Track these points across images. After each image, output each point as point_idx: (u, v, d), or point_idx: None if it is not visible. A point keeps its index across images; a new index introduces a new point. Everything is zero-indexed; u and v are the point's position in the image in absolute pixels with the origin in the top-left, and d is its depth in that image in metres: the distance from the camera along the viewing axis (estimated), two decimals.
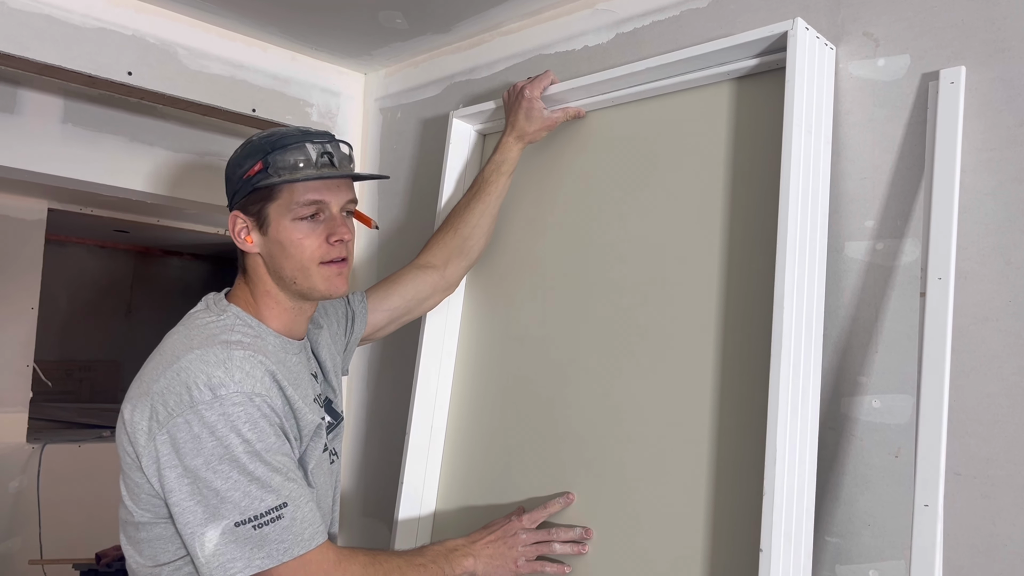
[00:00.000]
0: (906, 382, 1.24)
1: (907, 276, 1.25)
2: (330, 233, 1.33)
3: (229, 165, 1.37)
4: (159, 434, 1.21)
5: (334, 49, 2.19)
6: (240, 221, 1.35)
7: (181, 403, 1.20)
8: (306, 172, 1.31)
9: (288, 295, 1.37)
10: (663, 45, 1.60)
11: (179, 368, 1.22)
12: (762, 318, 1.32)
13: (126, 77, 1.88)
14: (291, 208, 1.31)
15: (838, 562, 1.28)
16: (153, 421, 1.22)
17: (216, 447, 1.18)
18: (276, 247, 1.33)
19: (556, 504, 1.52)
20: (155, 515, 1.27)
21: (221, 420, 1.19)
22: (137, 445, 1.24)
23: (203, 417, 1.19)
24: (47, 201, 4.17)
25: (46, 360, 4.81)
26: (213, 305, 1.37)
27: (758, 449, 1.27)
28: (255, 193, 1.32)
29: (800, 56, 1.28)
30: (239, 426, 1.20)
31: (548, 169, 1.74)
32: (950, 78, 1.21)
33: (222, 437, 1.19)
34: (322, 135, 1.35)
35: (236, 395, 1.20)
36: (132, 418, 1.25)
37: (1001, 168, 1.18)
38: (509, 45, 1.95)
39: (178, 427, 1.20)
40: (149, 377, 1.26)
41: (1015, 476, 1.13)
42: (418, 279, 1.68)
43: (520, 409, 1.69)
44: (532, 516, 1.50)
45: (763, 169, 1.38)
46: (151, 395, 1.23)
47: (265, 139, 1.34)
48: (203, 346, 1.25)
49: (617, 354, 1.53)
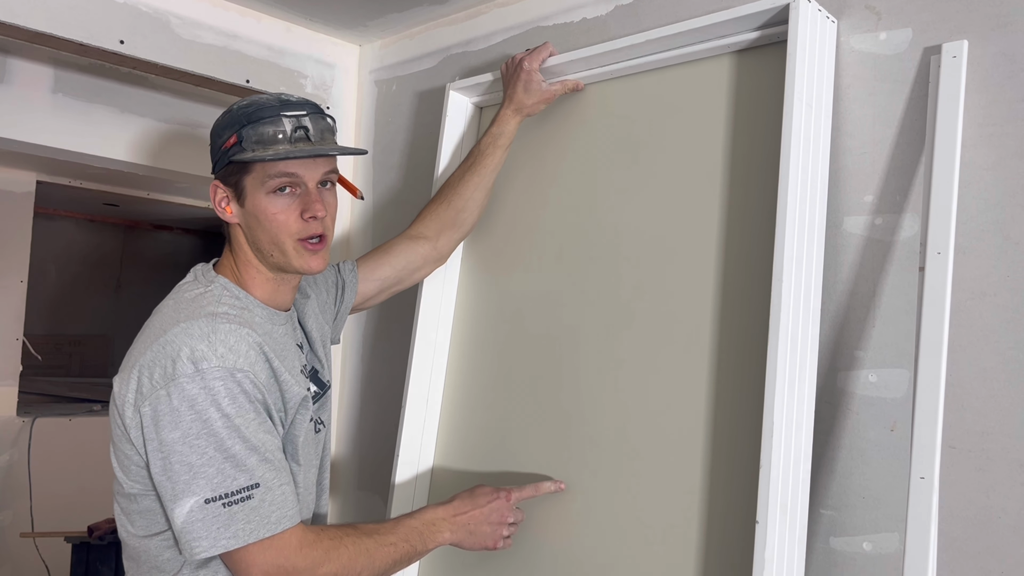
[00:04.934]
0: (903, 356, 1.25)
1: (906, 251, 1.26)
2: (304, 209, 1.31)
3: (212, 133, 1.36)
4: (143, 406, 1.21)
5: (329, 20, 2.16)
6: (220, 191, 1.34)
7: (164, 376, 1.20)
8: (277, 148, 1.28)
9: (267, 267, 1.36)
10: (663, 17, 1.59)
11: (165, 341, 1.22)
12: (761, 292, 1.32)
13: (118, 46, 1.85)
14: (264, 182, 1.30)
15: (832, 534, 1.29)
16: (138, 393, 1.22)
17: (194, 421, 1.18)
18: (252, 219, 1.32)
19: (547, 486, 1.52)
20: (144, 487, 1.27)
21: (202, 394, 1.19)
22: (124, 417, 1.24)
23: (184, 390, 1.19)
24: (36, 173, 4.14)
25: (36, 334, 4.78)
26: (201, 276, 1.37)
27: (755, 422, 1.28)
28: (232, 165, 1.31)
29: (801, 29, 1.27)
30: (220, 401, 1.19)
31: (546, 142, 1.73)
32: (952, 52, 1.21)
33: (201, 411, 1.19)
34: (301, 105, 1.32)
35: (218, 370, 1.20)
36: (120, 390, 1.25)
37: (1002, 143, 1.18)
38: (506, 17, 1.93)
39: (159, 399, 1.19)
40: (137, 350, 1.26)
41: (1010, 449, 1.14)
42: (410, 250, 1.67)
43: (516, 379, 1.69)
44: (521, 495, 1.50)
45: (763, 143, 1.38)
46: (138, 367, 1.23)
47: (243, 109, 1.32)
48: (189, 319, 1.24)
49: (614, 327, 1.53)
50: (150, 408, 1.20)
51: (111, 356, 5.86)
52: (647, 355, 1.48)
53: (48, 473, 4.00)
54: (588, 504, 1.51)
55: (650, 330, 1.48)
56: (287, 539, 1.23)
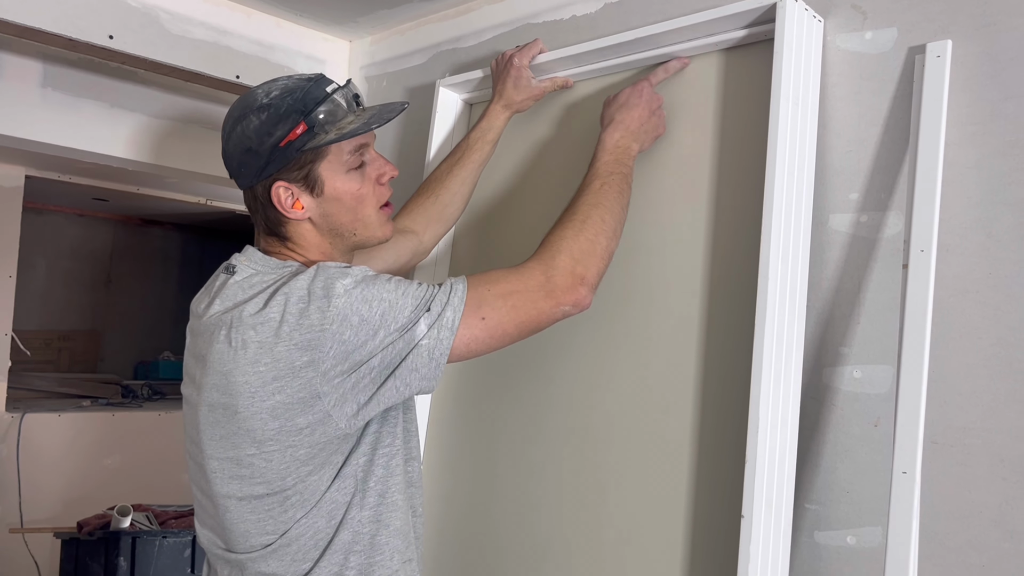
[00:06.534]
0: (886, 353, 1.26)
1: (890, 248, 1.27)
2: (380, 174, 1.32)
3: (247, 138, 1.25)
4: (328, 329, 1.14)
5: (319, 16, 2.16)
6: (284, 190, 1.26)
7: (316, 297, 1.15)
8: (351, 122, 1.26)
9: (341, 251, 1.34)
10: (651, 15, 1.60)
11: (288, 289, 1.17)
12: (747, 288, 1.33)
13: (107, 41, 1.85)
14: (343, 161, 1.27)
15: (817, 528, 1.30)
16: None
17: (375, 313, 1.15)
18: (334, 205, 1.28)
19: (674, 64, 1.50)
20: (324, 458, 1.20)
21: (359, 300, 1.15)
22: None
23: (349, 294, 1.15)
24: (25, 168, 4.13)
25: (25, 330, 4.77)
26: (266, 268, 1.27)
27: (741, 417, 1.29)
28: (299, 157, 1.24)
29: (788, 28, 1.28)
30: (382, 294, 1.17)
31: (534, 138, 1.74)
32: (936, 52, 1.22)
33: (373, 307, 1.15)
34: (324, 79, 1.29)
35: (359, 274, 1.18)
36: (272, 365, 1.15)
37: (985, 142, 1.19)
38: (497, 13, 1.94)
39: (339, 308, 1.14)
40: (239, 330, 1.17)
41: (991, 445, 1.15)
42: (399, 243, 1.66)
43: (503, 374, 1.70)
44: (655, 79, 1.48)
45: (750, 140, 1.39)
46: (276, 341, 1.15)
47: (286, 99, 1.24)
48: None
49: (601, 323, 1.54)
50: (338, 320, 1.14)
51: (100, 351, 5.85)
52: (633, 350, 1.49)
53: (37, 469, 4.00)
54: (575, 498, 1.52)
55: (636, 325, 1.49)
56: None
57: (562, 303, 1.23)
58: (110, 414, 4.42)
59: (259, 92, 1.28)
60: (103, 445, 4.30)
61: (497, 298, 1.20)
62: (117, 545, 3.02)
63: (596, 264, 1.26)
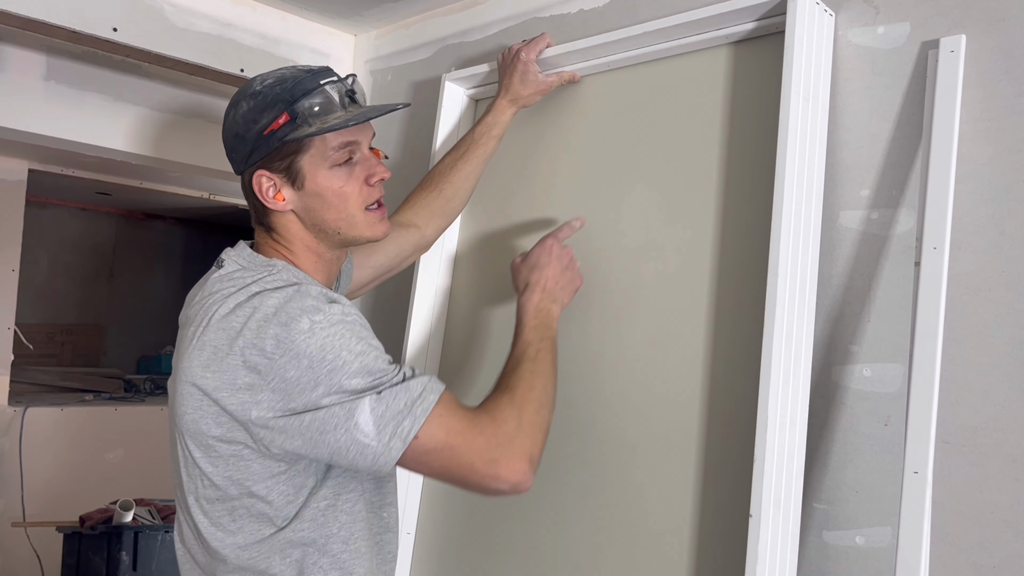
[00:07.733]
0: (897, 351, 1.25)
1: (901, 246, 1.25)
2: (369, 174, 1.27)
3: (236, 123, 1.25)
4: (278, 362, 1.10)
5: (324, 9, 2.15)
6: (266, 180, 1.24)
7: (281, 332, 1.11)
8: (338, 117, 1.23)
9: (327, 246, 1.30)
10: (660, 9, 1.58)
11: (264, 308, 1.13)
12: (756, 286, 1.32)
13: (111, 33, 1.84)
14: (326, 156, 1.24)
15: (825, 528, 1.29)
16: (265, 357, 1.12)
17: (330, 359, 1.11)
18: (314, 200, 1.25)
19: (574, 224, 1.48)
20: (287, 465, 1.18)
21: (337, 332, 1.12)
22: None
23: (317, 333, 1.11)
24: (28, 161, 4.12)
25: (27, 323, 4.77)
26: (251, 265, 1.25)
27: (749, 416, 1.28)
28: (282, 147, 1.23)
29: (799, 21, 1.27)
30: (351, 336, 1.13)
31: (541, 134, 1.72)
32: (950, 47, 1.21)
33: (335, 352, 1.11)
34: (330, 71, 1.27)
35: (337, 312, 1.14)
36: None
37: (998, 138, 1.18)
38: (503, 7, 1.92)
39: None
40: (220, 340, 1.15)
41: (1003, 444, 1.14)
42: (401, 237, 1.64)
43: None
44: (561, 235, 1.45)
45: (759, 136, 1.37)
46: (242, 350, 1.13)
47: (276, 88, 1.23)
48: (274, 289, 1.16)
49: (608, 320, 1.53)
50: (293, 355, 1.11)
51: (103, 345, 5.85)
52: (642, 348, 1.48)
53: (40, 463, 4.00)
54: (582, 497, 1.51)
55: (645, 323, 1.48)
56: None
57: (504, 481, 1.13)
58: (112, 408, 4.42)
59: (257, 79, 1.27)
60: (105, 439, 4.30)
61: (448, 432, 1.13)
62: (119, 539, 3.02)
63: (542, 443, 1.20)
